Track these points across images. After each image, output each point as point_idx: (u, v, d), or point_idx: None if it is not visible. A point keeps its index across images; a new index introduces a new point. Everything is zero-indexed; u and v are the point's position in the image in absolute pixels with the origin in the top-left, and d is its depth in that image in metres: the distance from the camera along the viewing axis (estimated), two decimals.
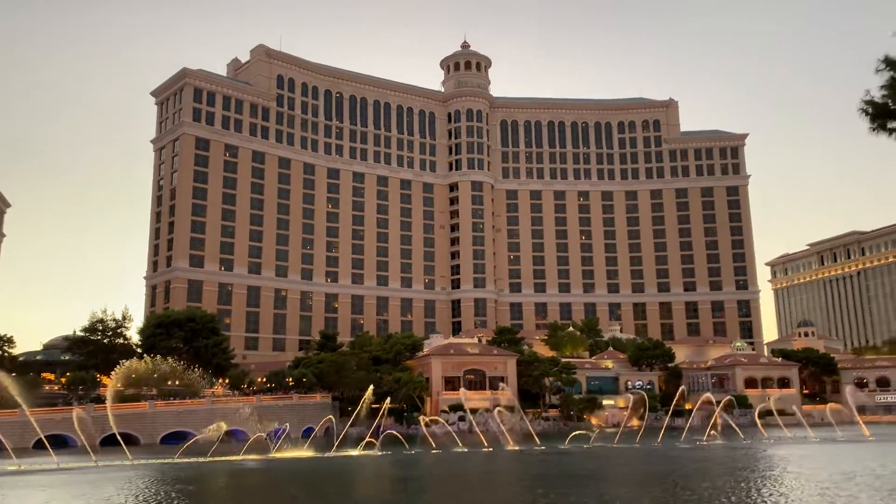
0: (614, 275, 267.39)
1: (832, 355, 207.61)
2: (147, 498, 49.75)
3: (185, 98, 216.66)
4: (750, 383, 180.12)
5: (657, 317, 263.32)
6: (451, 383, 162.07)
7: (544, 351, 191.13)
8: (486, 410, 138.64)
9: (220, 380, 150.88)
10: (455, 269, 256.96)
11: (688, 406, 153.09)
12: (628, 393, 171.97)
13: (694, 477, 59.61)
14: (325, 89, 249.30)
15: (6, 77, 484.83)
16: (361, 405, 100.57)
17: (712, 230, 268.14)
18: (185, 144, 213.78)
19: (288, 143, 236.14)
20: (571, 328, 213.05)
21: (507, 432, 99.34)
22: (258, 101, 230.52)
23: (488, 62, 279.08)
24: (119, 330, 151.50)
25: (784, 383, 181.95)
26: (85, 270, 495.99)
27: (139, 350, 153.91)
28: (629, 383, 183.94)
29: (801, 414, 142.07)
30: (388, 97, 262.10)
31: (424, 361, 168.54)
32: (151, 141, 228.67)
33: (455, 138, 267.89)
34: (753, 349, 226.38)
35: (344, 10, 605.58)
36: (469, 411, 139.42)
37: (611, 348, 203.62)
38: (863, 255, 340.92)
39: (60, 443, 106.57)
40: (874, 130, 20.53)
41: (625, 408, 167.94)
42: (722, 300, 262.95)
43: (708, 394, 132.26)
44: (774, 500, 42.81)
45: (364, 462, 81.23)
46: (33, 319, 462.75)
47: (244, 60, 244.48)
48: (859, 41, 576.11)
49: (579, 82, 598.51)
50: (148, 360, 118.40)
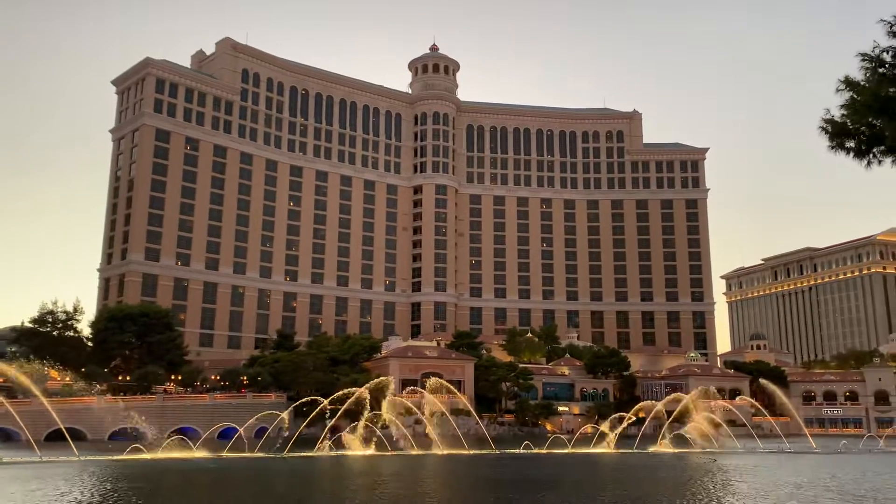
0: (573, 283, 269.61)
1: (783, 368, 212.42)
2: (95, 494, 48.45)
3: (147, 88, 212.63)
4: (703, 394, 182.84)
5: (614, 325, 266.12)
6: (409, 386, 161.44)
7: (502, 356, 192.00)
8: (443, 414, 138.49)
9: (173, 376, 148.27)
10: (416, 272, 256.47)
11: (641, 414, 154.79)
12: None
13: (645, 483, 60.18)
14: (291, 86, 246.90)
15: None
16: (318, 410, 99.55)
17: (670, 242, 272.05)
18: (145, 136, 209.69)
19: (251, 139, 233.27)
20: (530, 334, 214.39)
21: (463, 436, 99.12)
22: (222, 95, 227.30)
23: (456, 66, 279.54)
24: (70, 322, 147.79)
25: (735, 395, 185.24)
26: (36, 260, 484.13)
27: (90, 343, 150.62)
28: (585, 390, 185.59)
29: (751, 425, 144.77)
30: (355, 96, 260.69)
31: (382, 363, 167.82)
32: (110, 131, 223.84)
33: (421, 141, 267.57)
34: (707, 360, 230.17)
35: (313, 7, 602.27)
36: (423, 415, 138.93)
37: (568, 355, 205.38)
38: (815, 272, 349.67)
39: (3, 437, 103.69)
40: (833, 149, 20.85)
41: (579, 415, 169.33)
42: (678, 311, 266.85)
43: (658, 405, 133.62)
44: None
45: (317, 463, 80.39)
46: None
47: (209, 53, 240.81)
48: (822, 60, 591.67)
49: (545, 91, 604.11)
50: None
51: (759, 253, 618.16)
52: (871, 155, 20.30)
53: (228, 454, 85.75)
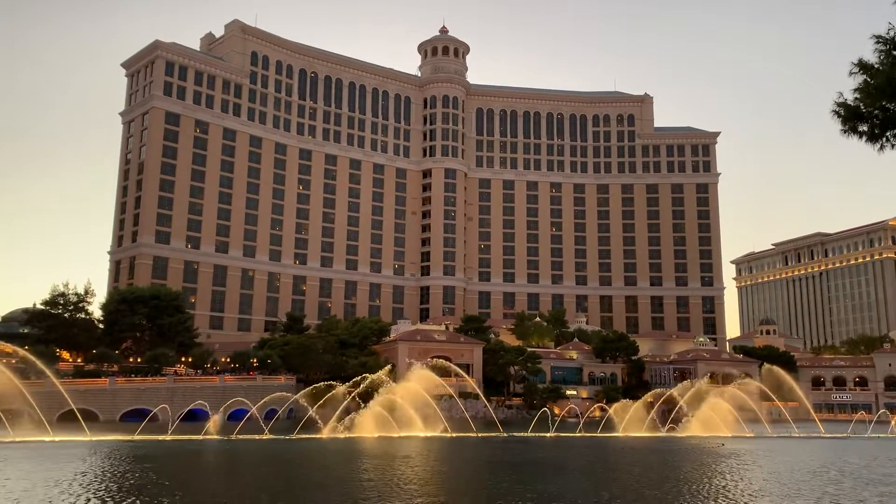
0: (582, 267, 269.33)
1: (792, 353, 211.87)
2: (106, 474, 49.01)
3: (157, 71, 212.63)
4: (711, 378, 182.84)
5: (623, 310, 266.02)
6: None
7: (511, 340, 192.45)
8: (450, 397, 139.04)
9: (183, 358, 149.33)
10: (425, 256, 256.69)
11: (649, 399, 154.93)
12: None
13: (657, 468, 60.38)
14: (300, 68, 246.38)
15: None
16: (331, 393, 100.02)
17: (681, 226, 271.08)
18: (155, 118, 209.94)
19: (260, 122, 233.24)
20: (538, 318, 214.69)
21: (471, 419, 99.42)
22: (231, 78, 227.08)
23: (466, 48, 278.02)
24: (81, 304, 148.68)
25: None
26: (47, 243, 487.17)
27: (101, 326, 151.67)
28: (593, 374, 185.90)
29: (759, 410, 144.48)
30: (364, 79, 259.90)
31: (391, 347, 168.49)
32: (120, 113, 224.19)
33: (430, 124, 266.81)
34: (716, 345, 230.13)
35: None
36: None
37: (576, 339, 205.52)
38: (826, 257, 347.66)
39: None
40: (845, 133, 20.63)
41: (587, 398, 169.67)
42: (687, 296, 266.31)
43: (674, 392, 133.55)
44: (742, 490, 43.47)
45: (327, 445, 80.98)
46: None
47: (218, 35, 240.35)
48: (835, 43, 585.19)
49: (556, 74, 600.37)
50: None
51: (770, 238, 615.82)
52: (884, 139, 20.10)
53: (239, 436, 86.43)
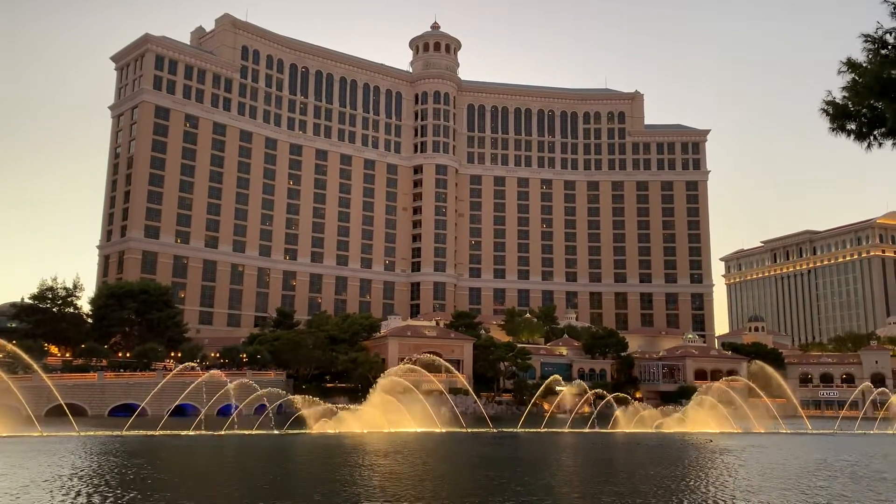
0: (573, 264, 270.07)
1: (780, 350, 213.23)
2: (95, 469, 48.87)
3: (146, 65, 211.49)
4: (700, 375, 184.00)
5: (612, 306, 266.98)
6: (406, 363, 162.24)
7: (501, 336, 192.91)
8: (441, 393, 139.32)
9: (173, 353, 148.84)
10: (416, 252, 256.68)
11: (638, 395, 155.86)
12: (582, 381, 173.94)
13: (650, 464, 60.69)
14: (291, 63, 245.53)
15: None
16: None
17: (670, 223, 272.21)
18: (144, 112, 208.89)
19: (250, 117, 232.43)
20: (528, 315, 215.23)
21: (461, 415, 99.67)
22: (221, 72, 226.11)
23: (458, 45, 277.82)
24: (69, 299, 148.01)
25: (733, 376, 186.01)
26: (36, 237, 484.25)
27: (90, 320, 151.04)
28: (582, 370, 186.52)
29: (748, 407, 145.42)
30: (355, 74, 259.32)
31: (381, 342, 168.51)
32: (110, 107, 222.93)
33: (421, 120, 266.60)
34: (704, 342, 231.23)
35: None
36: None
37: (566, 336, 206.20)
38: (814, 255, 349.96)
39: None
40: (834, 131, 20.76)
41: (577, 394, 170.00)
42: (676, 293, 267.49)
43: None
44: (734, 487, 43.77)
45: (317, 441, 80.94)
46: None
47: (209, 29, 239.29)
48: (823, 42, 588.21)
49: (547, 71, 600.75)
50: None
51: (759, 235, 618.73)
52: (872, 137, 20.25)
53: (227, 432, 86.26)
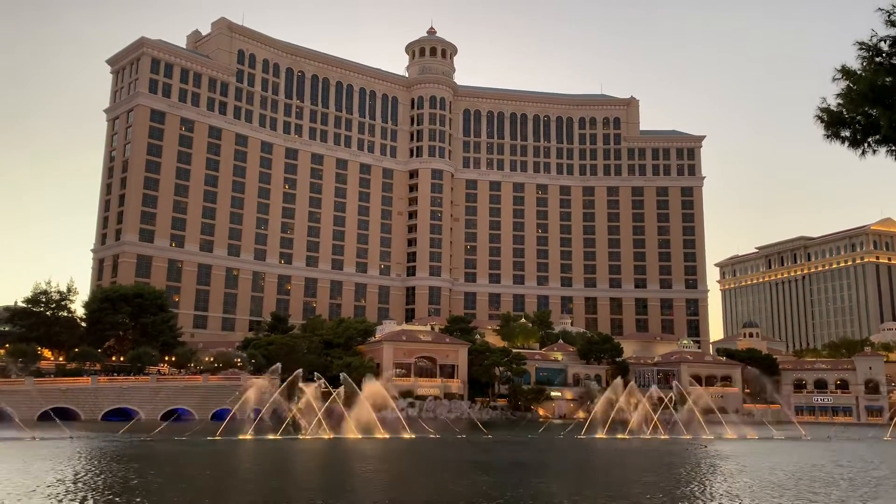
0: (568, 269, 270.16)
1: (774, 356, 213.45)
2: (87, 472, 48.58)
3: (142, 68, 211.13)
4: (695, 380, 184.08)
5: (608, 312, 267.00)
6: (403, 370, 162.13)
7: (496, 341, 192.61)
8: (435, 398, 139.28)
9: (167, 357, 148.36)
10: (411, 257, 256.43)
11: (633, 401, 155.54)
12: (585, 381, 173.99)
13: (648, 470, 60.62)
14: (287, 67, 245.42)
15: None
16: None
17: (665, 229, 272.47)
18: (140, 116, 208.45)
19: (246, 121, 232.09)
20: (523, 320, 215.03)
21: (455, 420, 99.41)
22: (217, 76, 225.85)
23: (454, 49, 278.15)
24: (63, 303, 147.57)
25: (727, 382, 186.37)
26: (30, 240, 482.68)
27: (83, 324, 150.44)
28: (577, 376, 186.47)
29: (742, 412, 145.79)
30: (352, 79, 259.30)
31: (376, 347, 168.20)
32: (105, 111, 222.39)
33: (417, 125, 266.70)
34: (699, 347, 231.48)
35: None
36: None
37: (561, 341, 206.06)
38: (808, 261, 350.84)
39: None
40: (828, 138, 20.83)
41: (572, 399, 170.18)
42: (671, 298, 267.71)
43: (654, 388, 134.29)
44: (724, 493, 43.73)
45: (309, 446, 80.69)
46: None
47: (205, 33, 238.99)
48: (819, 49, 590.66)
49: (543, 76, 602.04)
50: None
51: (754, 241, 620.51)
52: (866, 144, 20.31)
53: (220, 437, 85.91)
